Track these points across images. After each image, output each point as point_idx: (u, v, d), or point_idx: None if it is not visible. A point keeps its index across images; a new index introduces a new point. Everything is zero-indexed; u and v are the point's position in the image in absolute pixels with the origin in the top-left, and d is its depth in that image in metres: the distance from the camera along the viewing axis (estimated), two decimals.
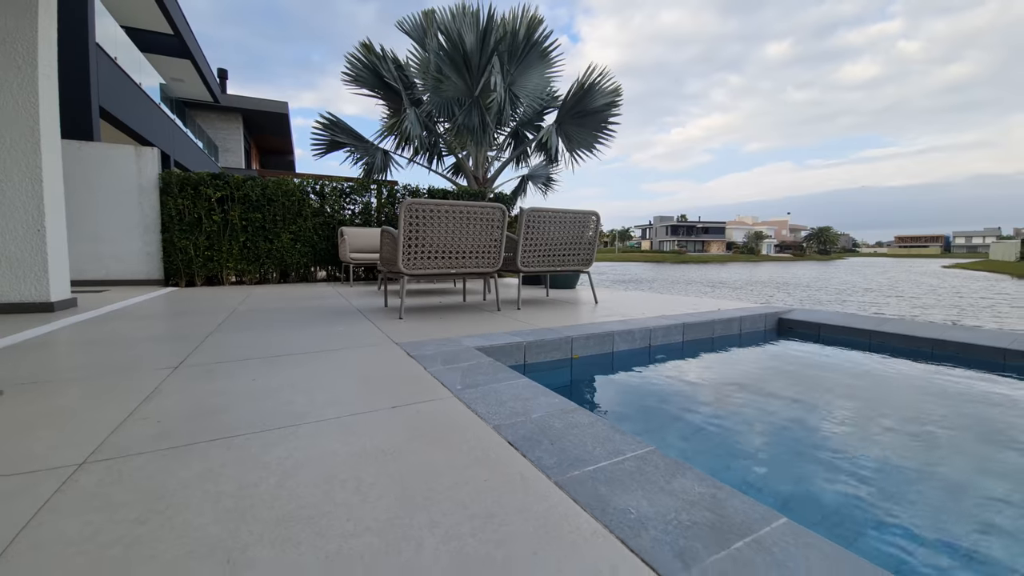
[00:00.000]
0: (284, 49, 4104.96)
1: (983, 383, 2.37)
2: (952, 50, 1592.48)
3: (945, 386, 2.36)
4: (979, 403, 2.12)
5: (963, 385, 2.35)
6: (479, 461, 1.10)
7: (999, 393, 2.22)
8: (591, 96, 8.76)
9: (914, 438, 1.77)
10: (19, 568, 0.73)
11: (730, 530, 0.80)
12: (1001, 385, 2.33)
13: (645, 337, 2.93)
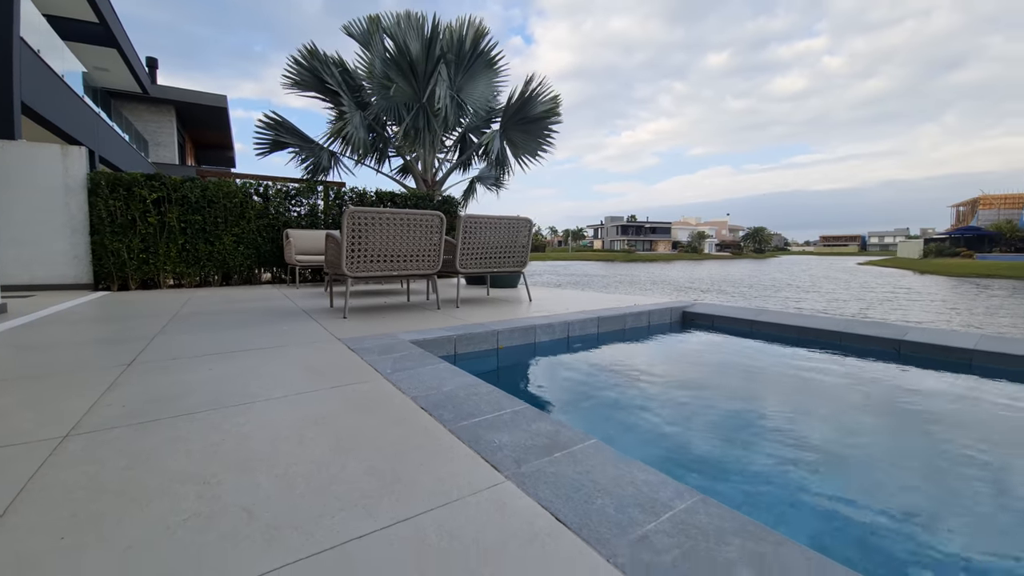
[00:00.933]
0: (222, 36, 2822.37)
1: (823, 357, 3.00)
2: (870, 65, 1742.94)
3: (790, 357, 2.98)
4: (812, 370, 2.73)
5: (807, 359, 2.98)
6: (396, 420, 1.45)
7: (828, 364, 2.85)
8: (532, 104, 9.24)
9: (733, 391, 2.31)
10: (34, 501, 1.00)
11: (555, 448, 1.21)
12: (826, 360, 2.98)
13: (564, 329, 3.38)
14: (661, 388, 2.48)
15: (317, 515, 0.93)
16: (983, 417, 2.07)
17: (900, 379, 2.63)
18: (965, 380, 2.53)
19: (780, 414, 2.12)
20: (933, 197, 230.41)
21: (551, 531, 0.88)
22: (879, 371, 2.74)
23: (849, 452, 1.75)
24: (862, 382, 2.59)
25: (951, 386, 2.47)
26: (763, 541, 0.83)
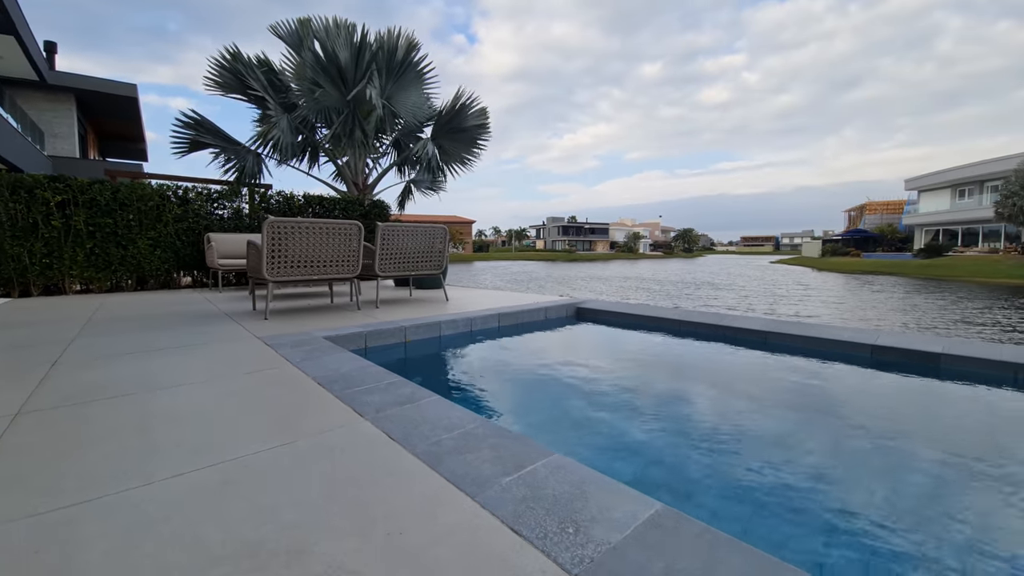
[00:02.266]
0: (130, 14, 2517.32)
1: (684, 343, 3.79)
2: (782, 82, 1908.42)
3: (663, 344, 3.74)
4: (680, 352, 3.48)
5: (674, 344, 3.75)
6: (295, 392, 1.92)
7: (667, 345, 3.63)
8: (462, 116, 9.75)
9: (609, 370, 2.99)
10: (4, 456, 1.37)
11: (408, 402, 1.75)
12: (666, 341, 3.77)
13: (467, 324, 3.93)
14: (518, 363, 3.11)
15: (227, 443, 1.40)
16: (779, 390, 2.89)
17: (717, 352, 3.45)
18: (803, 362, 3.39)
19: (599, 378, 2.81)
20: (835, 202, 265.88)
21: (384, 442, 1.41)
22: (697, 347, 3.56)
23: (653, 405, 2.44)
24: (683, 356, 3.38)
25: (785, 367, 3.32)
26: (504, 437, 1.42)
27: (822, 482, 1.62)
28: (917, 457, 1.86)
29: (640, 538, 0.94)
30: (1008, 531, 1.35)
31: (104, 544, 0.95)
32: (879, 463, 1.80)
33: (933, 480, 1.65)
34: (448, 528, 0.99)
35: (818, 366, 3.07)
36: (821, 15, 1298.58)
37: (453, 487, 1.15)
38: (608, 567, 0.86)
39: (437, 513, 1.05)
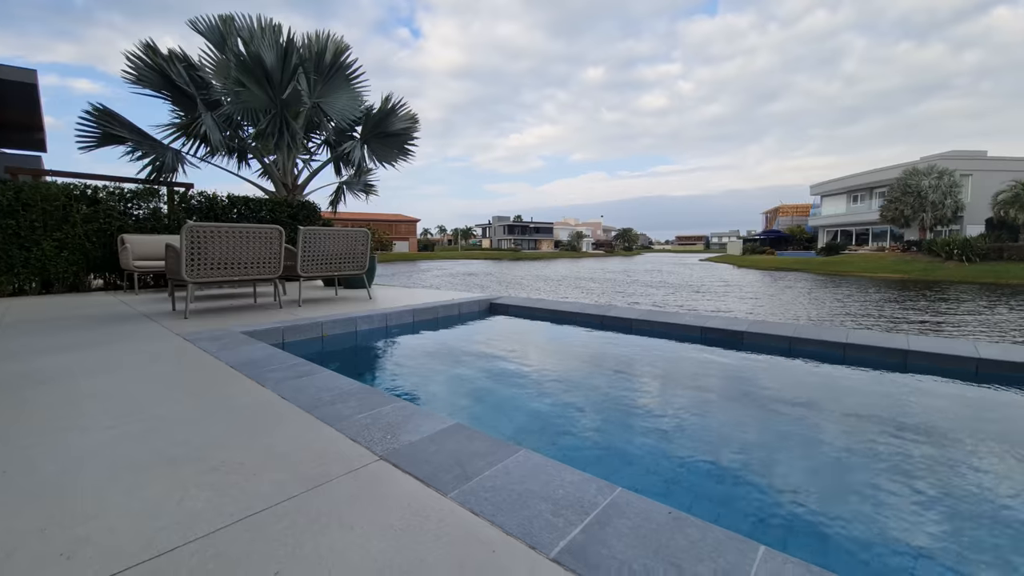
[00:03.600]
0: None
1: (586, 333, 4.46)
2: (712, 93, 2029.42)
3: (563, 332, 4.39)
4: (578, 341, 4.13)
5: (575, 334, 4.41)
6: (210, 373, 2.31)
7: (598, 337, 4.30)
8: (392, 120, 10.06)
9: (510, 353, 3.57)
10: None
11: (304, 376, 2.21)
12: (599, 336, 4.45)
13: (382, 320, 4.38)
14: (415, 348, 3.64)
15: (148, 408, 1.81)
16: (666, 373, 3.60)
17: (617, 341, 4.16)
18: (676, 346, 4.14)
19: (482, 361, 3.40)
20: (758, 204, 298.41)
21: (277, 400, 1.88)
22: (590, 335, 4.26)
23: (545, 380, 3.05)
24: (555, 339, 4.06)
25: (666, 353, 4.05)
26: (370, 394, 1.93)
27: (648, 427, 2.29)
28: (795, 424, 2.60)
29: (434, 438, 1.50)
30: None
31: (56, 465, 1.36)
32: (725, 426, 2.50)
33: (816, 442, 2.37)
34: (310, 442, 1.50)
35: (695, 350, 3.86)
36: (745, 31, 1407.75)
37: (320, 422, 1.65)
38: (406, 452, 1.41)
39: (305, 436, 1.55)
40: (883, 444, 2.00)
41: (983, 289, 20.48)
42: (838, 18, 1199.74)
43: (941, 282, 24.72)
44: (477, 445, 1.45)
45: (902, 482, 1.67)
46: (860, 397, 2.71)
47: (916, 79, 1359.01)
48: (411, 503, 1.16)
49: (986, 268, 27.01)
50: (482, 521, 1.08)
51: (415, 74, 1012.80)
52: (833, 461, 1.89)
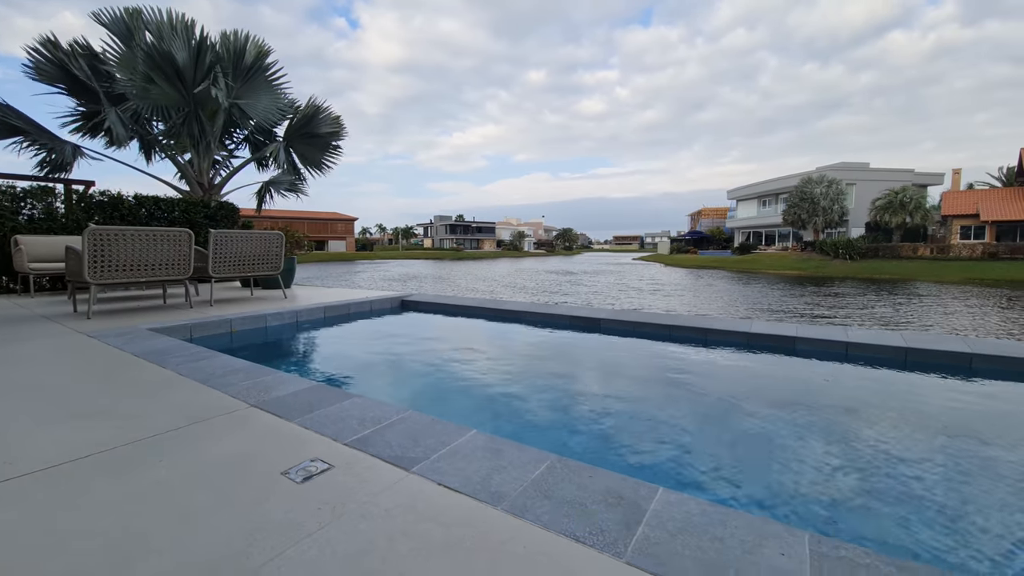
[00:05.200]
0: None
1: (474, 323, 5.08)
2: (647, 100, 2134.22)
3: (471, 325, 4.98)
4: (493, 332, 4.73)
5: (480, 326, 5.01)
6: (116, 362, 2.68)
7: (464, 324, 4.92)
8: (316, 122, 10.19)
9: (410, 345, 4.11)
10: None
11: (202, 359, 2.65)
12: (461, 323, 5.08)
13: (293, 316, 4.77)
14: (317, 339, 4.12)
15: (58, 386, 2.19)
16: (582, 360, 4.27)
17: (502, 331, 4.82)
18: (584, 338, 4.84)
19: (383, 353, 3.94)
20: (688, 207, 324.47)
21: (175, 376, 2.32)
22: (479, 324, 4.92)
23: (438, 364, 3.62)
24: (454, 329, 4.69)
25: (571, 344, 4.74)
26: (257, 370, 2.43)
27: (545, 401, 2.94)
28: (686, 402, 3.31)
29: (297, 394, 2.04)
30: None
31: None
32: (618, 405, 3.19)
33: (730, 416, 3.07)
34: (199, 399, 1.99)
35: (550, 333, 4.60)
36: (676, 44, 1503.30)
37: (210, 388, 2.14)
38: (272, 402, 1.94)
39: (196, 397, 2.03)
40: (734, 406, 2.81)
41: (862, 283, 23.87)
42: (755, 37, 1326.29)
43: (829, 278, 28.28)
44: (325, 395, 2.03)
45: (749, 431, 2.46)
46: (733, 372, 3.57)
47: (820, 96, 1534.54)
48: (266, 427, 1.71)
49: (865, 265, 31.26)
50: (310, 432, 1.66)
51: (353, 66, 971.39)
52: (690, 419, 2.65)
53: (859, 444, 2.09)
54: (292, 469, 1.40)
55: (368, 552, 1.03)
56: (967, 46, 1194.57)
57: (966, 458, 1.96)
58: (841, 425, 2.33)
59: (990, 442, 2.11)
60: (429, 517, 1.17)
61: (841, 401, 2.70)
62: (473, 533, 1.10)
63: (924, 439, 2.17)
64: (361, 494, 1.27)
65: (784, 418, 2.42)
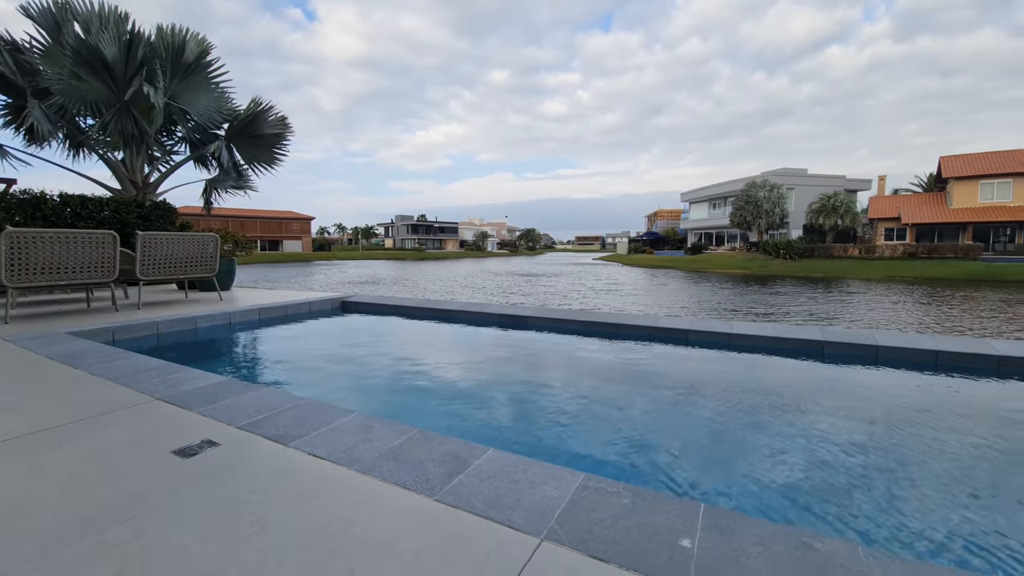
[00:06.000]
0: None
1: (428, 325, 5.28)
2: (607, 104, 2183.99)
3: (405, 325, 5.17)
4: (423, 330, 4.92)
5: (415, 325, 5.21)
6: (29, 363, 2.74)
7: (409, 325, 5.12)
8: (260, 122, 10.06)
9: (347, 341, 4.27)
10: None
11: (118, 359, 2.76)
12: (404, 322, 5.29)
13: (225, 319, 4.82)
14: (242, 337, 4.25)
15: None
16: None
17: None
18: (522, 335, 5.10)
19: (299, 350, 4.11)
20: (647, 208, 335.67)
21: (87, 376, 2.44)
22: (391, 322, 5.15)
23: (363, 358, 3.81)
24: (382, 326, 4.91)
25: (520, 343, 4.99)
26: (169, 368, 2.58)
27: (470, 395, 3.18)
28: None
29: (205, 388, 2.23)
30: None
31: None
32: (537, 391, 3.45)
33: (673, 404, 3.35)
34: (107, 395, 2.14)
35: (475, 331, 4.89)
36: (635, 50, 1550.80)
37: (120, 385, 2.28)
38: (179, 395, 2.12)
39: (105, 394, 2.18)
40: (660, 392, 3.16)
41: (799, 281, 25.65)
42: (709, 47, 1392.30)
43: (771, 276, 30.16)
44: (232, 388, 2.23)
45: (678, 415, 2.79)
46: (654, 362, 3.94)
47: (768, 104, 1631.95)
48: (167, 416, 1.90)
49: (802, 264, 33.53)
50: (207, 419, 1.87)
51: (310, 60, 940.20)
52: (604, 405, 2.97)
53: (649, 404, 2.51)
54: (182, 449, 1.61)
55: (229, 504, 1.28)
56: (899, 60, 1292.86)
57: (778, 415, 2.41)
58: (655, 394, 2.76)
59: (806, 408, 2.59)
60: (291, 478, 1.42)
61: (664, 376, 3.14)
62: (323, 487, 1.37)
63: (715, 397, 2.62)
64: (238, 464, 1.51)
65: (614, 392, 2.82)
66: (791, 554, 1.07)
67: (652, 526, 1.17)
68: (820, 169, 52.32)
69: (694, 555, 1.06)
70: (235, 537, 1.14)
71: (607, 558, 1.05)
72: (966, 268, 27.08)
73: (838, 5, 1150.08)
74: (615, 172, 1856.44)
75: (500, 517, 1.21)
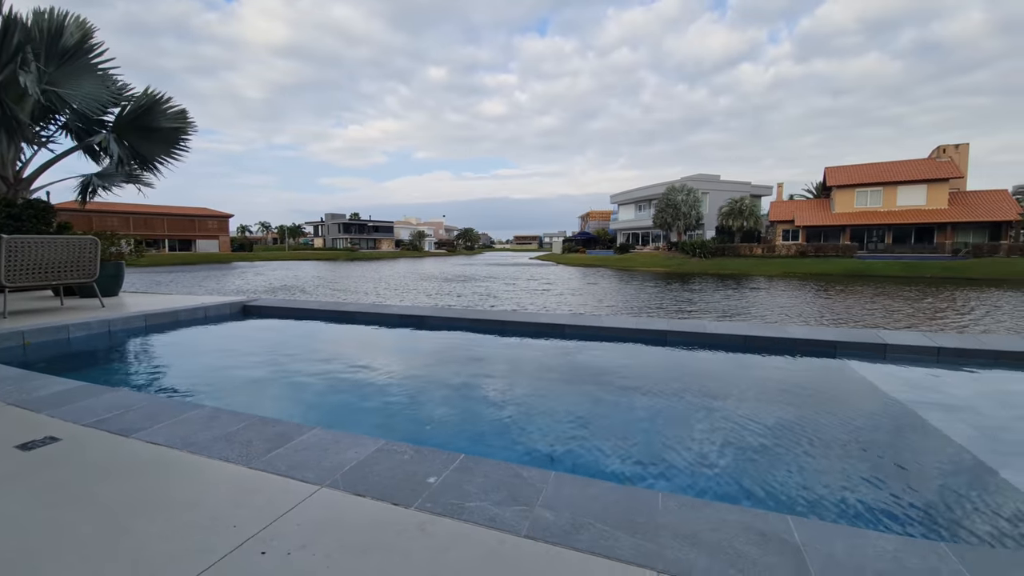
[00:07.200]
0: None
1: (330, 327, 5.37)
2: (544, 106, 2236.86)
3: (306, 327, 5.24)
4: (343, 336, 4.99)
5: (315, 328, 5.28)
6: None
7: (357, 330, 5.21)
8: (155, 115, 9.46)
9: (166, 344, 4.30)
10: None
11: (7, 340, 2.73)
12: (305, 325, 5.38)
13: (103, 326, 4.67)
14: (119, 345, 4.22)
15: None
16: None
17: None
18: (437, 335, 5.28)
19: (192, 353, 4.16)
20: (583, 209, 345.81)
21: None
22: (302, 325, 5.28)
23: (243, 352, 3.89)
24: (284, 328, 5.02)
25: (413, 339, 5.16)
26: (25, 376, 2.61)
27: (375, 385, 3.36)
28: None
29: (59, 393, 2.33)
30: None
31: None
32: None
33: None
34: None
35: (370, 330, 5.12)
36: (570, 55, 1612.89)
37: None
38: (31, 400, 2.21)
39: None
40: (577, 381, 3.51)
41: (711, 278, 28.12)
42: (638, 56, 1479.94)
43: (689, 273, 32.73)
44: (88, 392, 2.35)
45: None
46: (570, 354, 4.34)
47: (689, 114, 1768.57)
48: (16, 419, 2.02)
49: (715, 262, 36.69)
50: (55, 419, 2.01)
51: (228, 43, 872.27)
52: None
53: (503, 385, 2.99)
54: (25, 444, 1.77)
55: (62, 484, 1.50)
56: (799, 80, 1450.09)
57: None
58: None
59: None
60: (123, 461, 1.66)
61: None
62: (153, 467, 1.62)
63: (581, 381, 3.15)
64: (75, 453, 1.71)
65: (489, 380, 3.28)
66: (504, 480, 1.50)
67: (414, 472, 1.56)
68: (734, 176, 58.40)
69: (433, 487, 1.46)
70: (62, 507, 1.37)
71: (364, 493, 1.42)
72: (844, 265, 31.21)
73: (749, 26, 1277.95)
74: (552, 173, 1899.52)
75: (296, 475, 1.54)
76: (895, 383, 3.27)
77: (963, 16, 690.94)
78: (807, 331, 4.27)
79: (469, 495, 1.42)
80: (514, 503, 1.38)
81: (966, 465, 2.07)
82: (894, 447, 2.30)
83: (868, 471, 2.00)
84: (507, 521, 1.28)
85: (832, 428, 2.48)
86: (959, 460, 2.11)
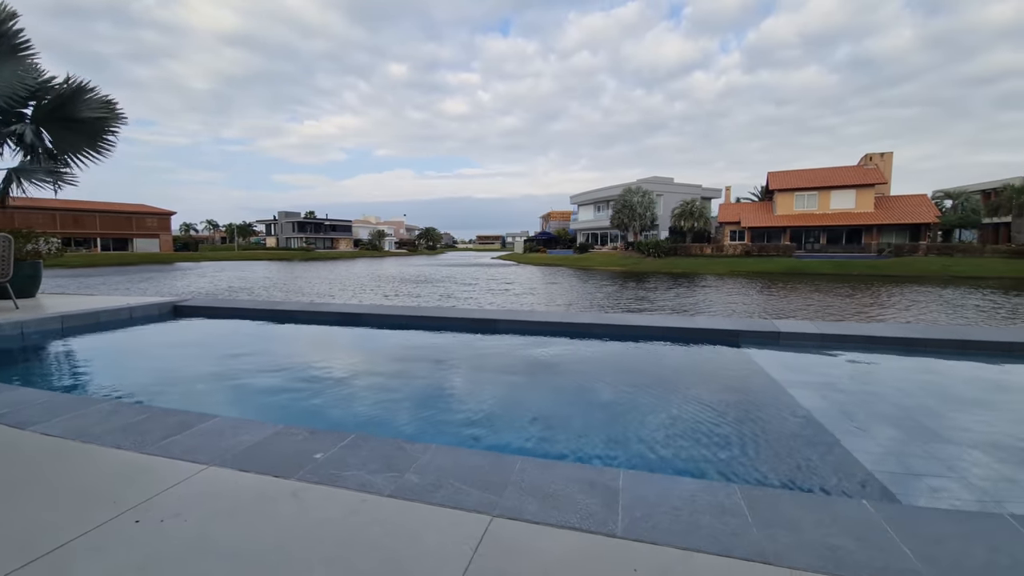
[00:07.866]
0: None
1: (306, 329, 5.28)
2: (507, 107, 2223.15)
3: (236, 327, 5.14)
4: (291, 335, 4.90)
5: (247, 327, 5.18)
6: None
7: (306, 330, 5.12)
8: (78, 104, 8.89)
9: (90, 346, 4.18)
10: None
11: None
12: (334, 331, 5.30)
13: (16, 328, 4.44)
14: (31, 346, 4.06)
15: None
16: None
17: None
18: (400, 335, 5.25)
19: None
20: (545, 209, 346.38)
21: None
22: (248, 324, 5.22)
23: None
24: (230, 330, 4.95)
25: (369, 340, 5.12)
26: None
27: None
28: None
29: (7, 399, 2.28)
30: None
31: None
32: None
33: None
34: None
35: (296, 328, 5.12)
36: (532, 57, 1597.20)
37: None
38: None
39: None
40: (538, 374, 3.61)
41: (666, 276, 29.28)
42: (597, 61, 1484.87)
43: (643, 272, 33.90)
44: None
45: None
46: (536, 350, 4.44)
47: (647, 118, 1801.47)
48: None
49: (668, 261, 38.21)
50: None
51: (169, 29, 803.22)
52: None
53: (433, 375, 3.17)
54: None
55: None
56: (747, 89, 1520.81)
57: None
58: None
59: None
60: (15, 450, 1.69)
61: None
62: (43, 454, 1.67)
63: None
64: None
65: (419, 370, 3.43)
66: (387, 453, 1.67)
67: (304, 450, 1.69)
68: (688, 178, 61.63)
69: (319, 461, 1.61)
70: None
71: (250, 469, 1.55)
72: (784, 263, 33.37)
73: (701, 36, 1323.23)
74: (515, 173, 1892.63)
75: (188, 457, 1.64)
76: (775, 364, 3.69)
77: (895, 33, 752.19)
78: (715, 321, 4.68)
79: (348, 466, 1.57)
80: (388, 470, 1.54)
81: (809, 431, 2.42)
82: (753, 418, 2.64)
83: (720, 436, 2.32)
84: (375, 485, 1.45)
85: (705, 402, 2.81)
86: (805, 426, 2.47)
